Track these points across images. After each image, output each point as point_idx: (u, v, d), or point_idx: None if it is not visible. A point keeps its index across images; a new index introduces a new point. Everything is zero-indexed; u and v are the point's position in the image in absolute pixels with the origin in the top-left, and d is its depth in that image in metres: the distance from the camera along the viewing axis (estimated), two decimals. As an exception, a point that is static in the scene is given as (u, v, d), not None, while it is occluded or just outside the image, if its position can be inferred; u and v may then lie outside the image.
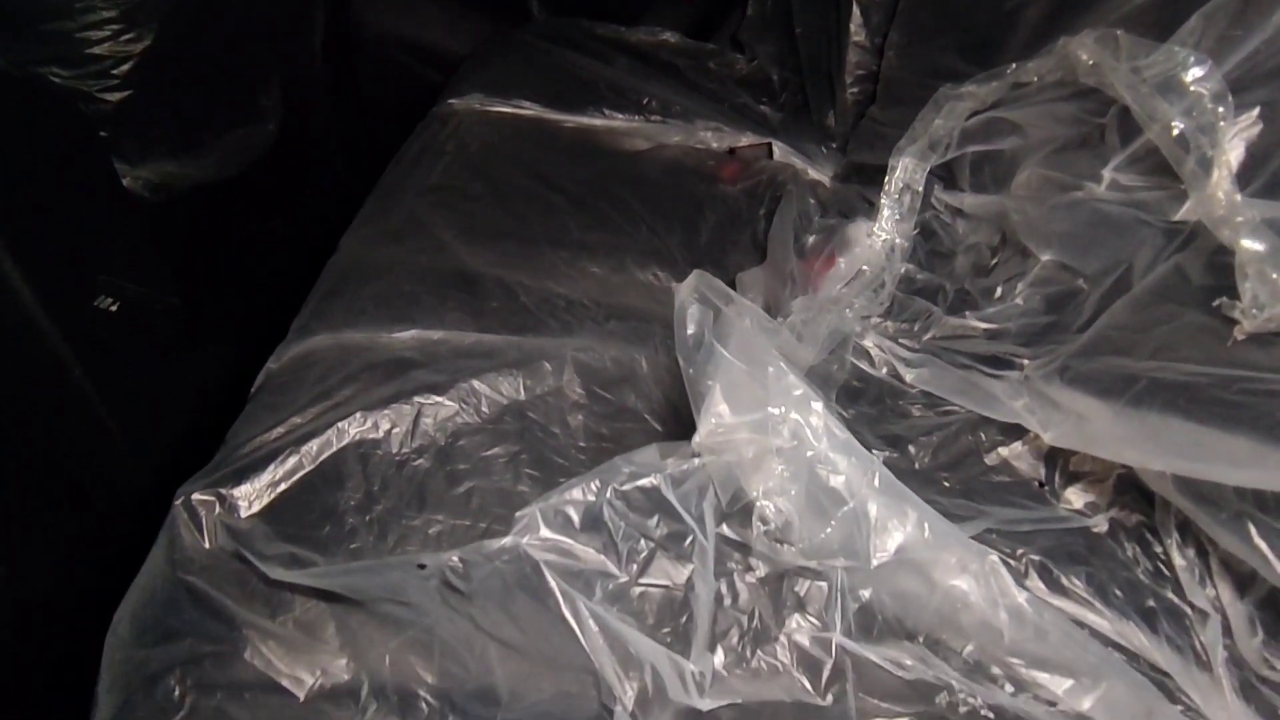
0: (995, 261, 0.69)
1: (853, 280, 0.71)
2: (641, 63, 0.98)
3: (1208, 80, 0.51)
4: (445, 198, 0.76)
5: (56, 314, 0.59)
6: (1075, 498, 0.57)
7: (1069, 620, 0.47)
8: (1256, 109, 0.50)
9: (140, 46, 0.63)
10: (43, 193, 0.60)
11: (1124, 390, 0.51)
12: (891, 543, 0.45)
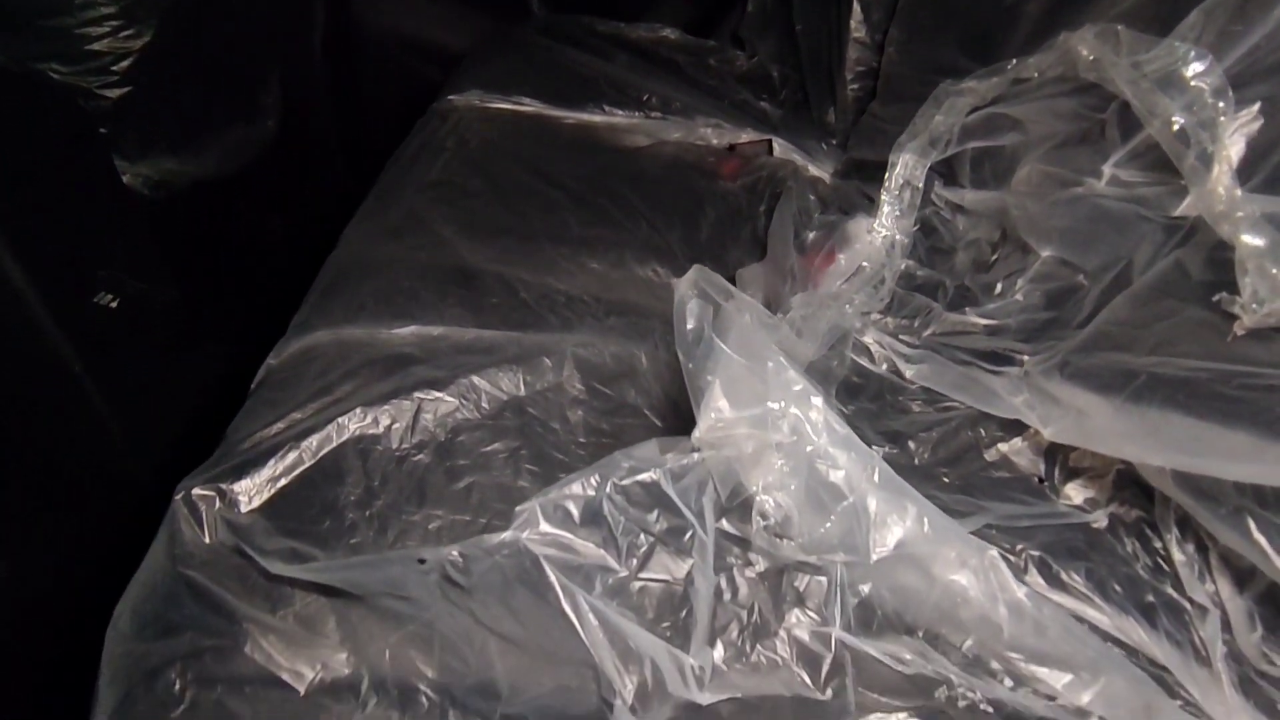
0: (995, 257, 0.69)
1: (853, 276, 0.71)
2: (642, 59, 0.98)
3: (1208, 75, 0.51)
4: (445, 194, 0.76)
5: (56, 310, 0.59)
6: (1075, 493, 0.57)
7: (1068, 615, 0.47)
8: (1257, 104, 0.50)
9: (140, 43, 0.63)
10: (42, 189, 0.60)
11: (1124, 386, 0.51)
12: (891, 538, 0.45)
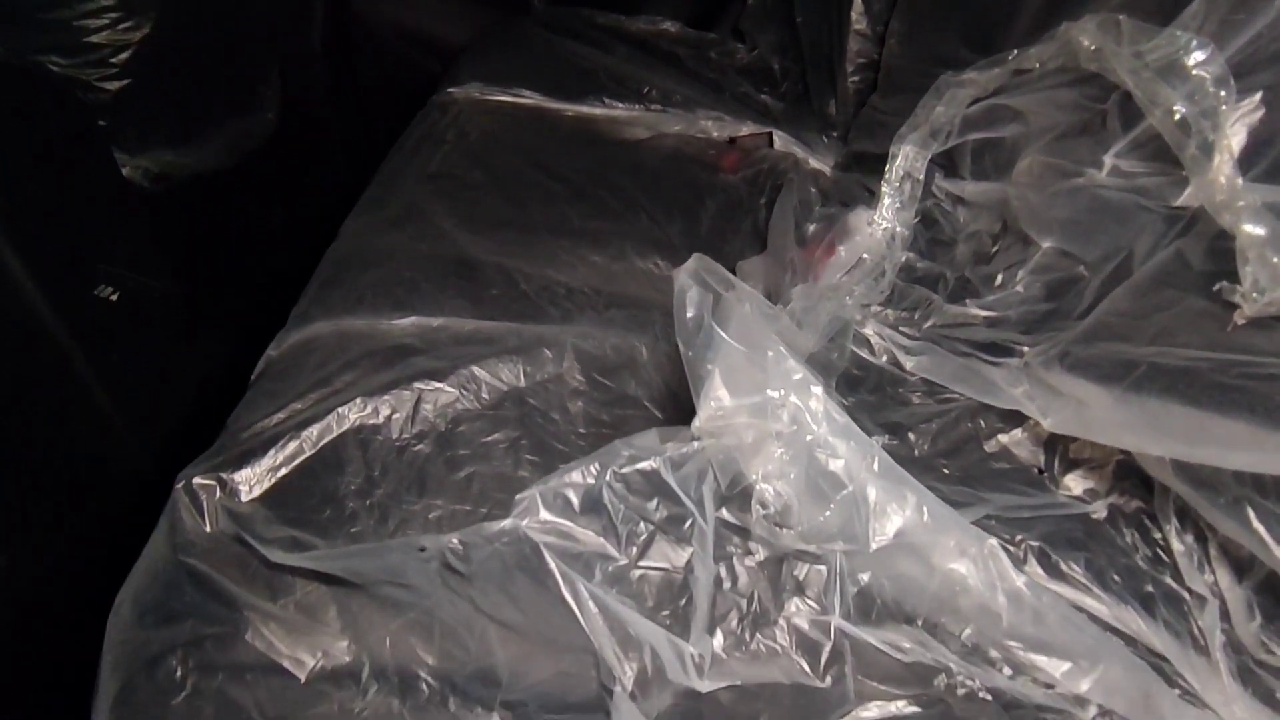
0: (996, 249, 0.69)
1: (853, 268, 0.71)
2: (642, 52, 0.98)
3: (1210, 64, 0.50)
4: (445, 186, 0.76)
5: (57, 303, 0.59)
6: (1074, 484, 0.57)
7: (1067, 604, 0.47)
8: (1259, 93, 0.50)
9: (139, 35, 0.62)
10: (42, 182, 0.60)
11: (1124, 376, 0.51)
12: (890, 526, 0.45)
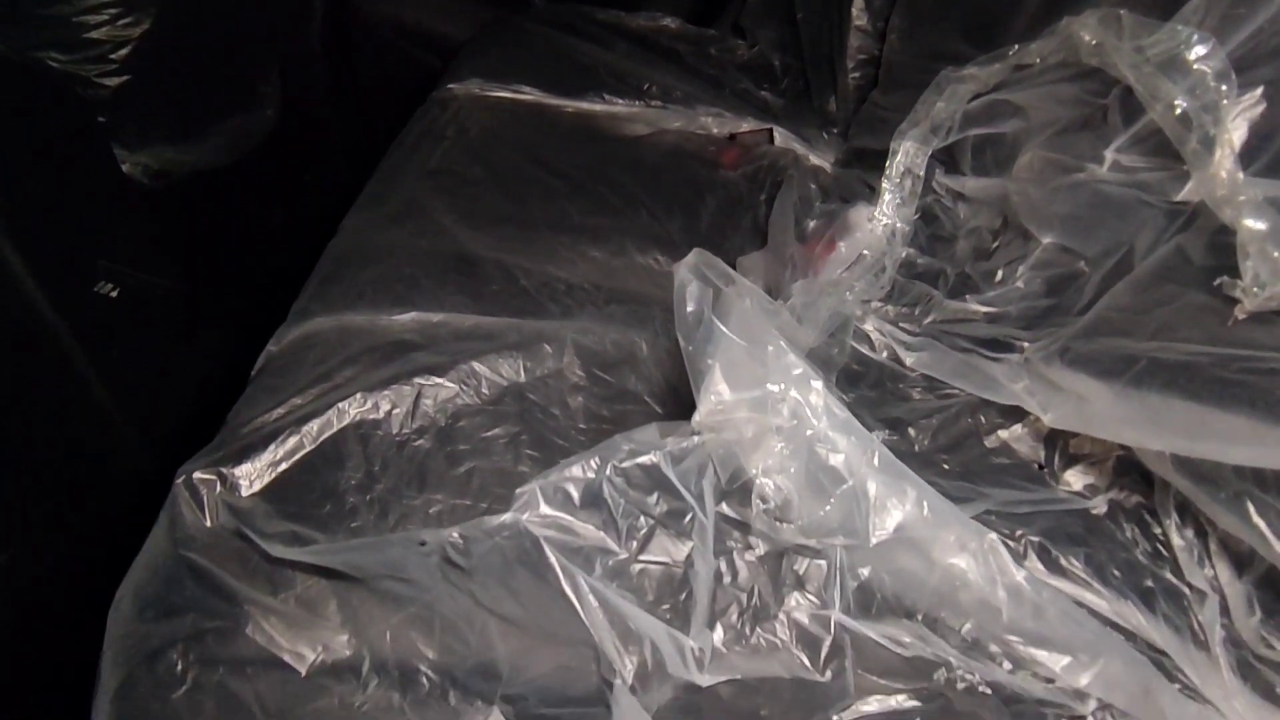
0: (996, 245, 0.69)
1: (853, 265, 0.71)
2: (642, 48, 0.98)
3: (1211, 59, 0.50)
4: (445, 182, 0.76)
5: (57, 300, 0.59)
6: (1075, 480, 0.57)
7: (1067, 599, 0.47)
8: (1260, 88, 0.50)
9: (138, 31, 0.62)
10: (41, 178, 0.60)
11: (1124, 371, 0.51)
12: (890, 521, 0.45)
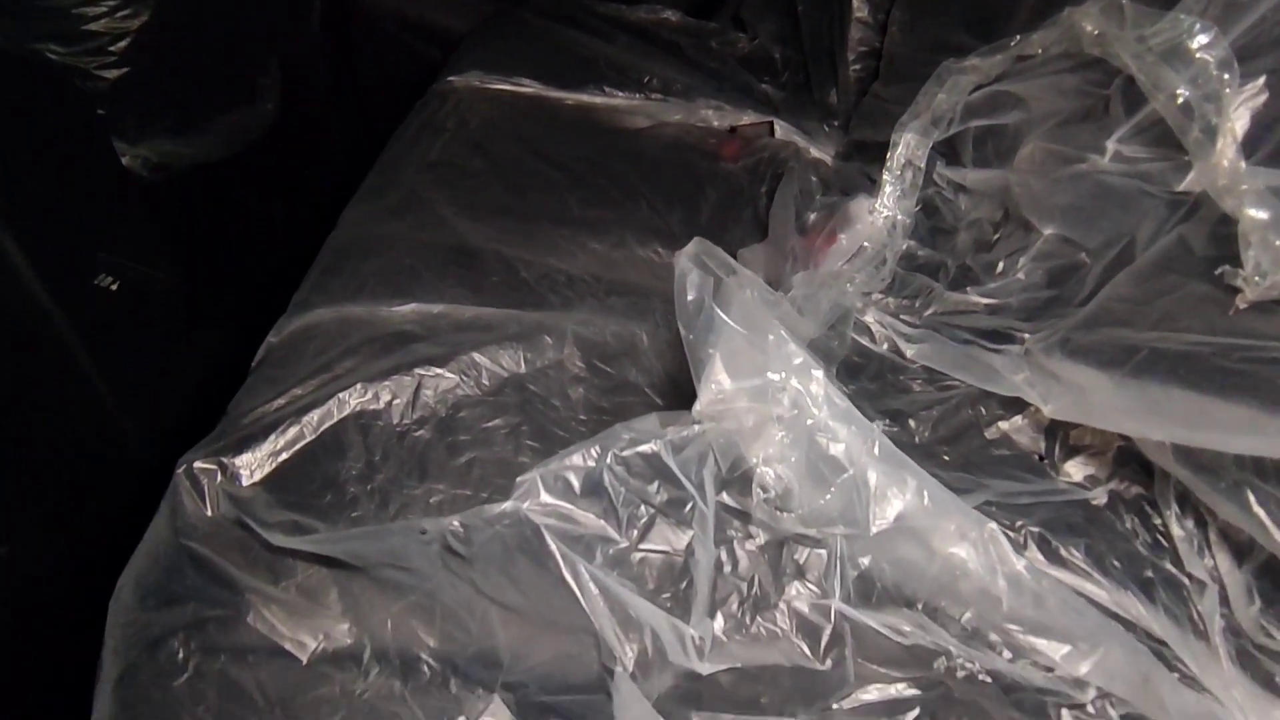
0: (997, 236, 0.68)
1: (854, 256, 0.71)
2: (642, 41, 0.98)
3: (1213, 48, 0.50)
4: (445, 174, 0.76)
5: (57, 293, 0.59)
6: (1075, 470, 0.57)
7: (1067, 588, 0.47)
8: (1262, 77, 0.49)
9: (137, 23, 0.62)
10: (41, 171, 0.60)
11: (1125, 361, 0.51)
12: (891, 510, 0.45)
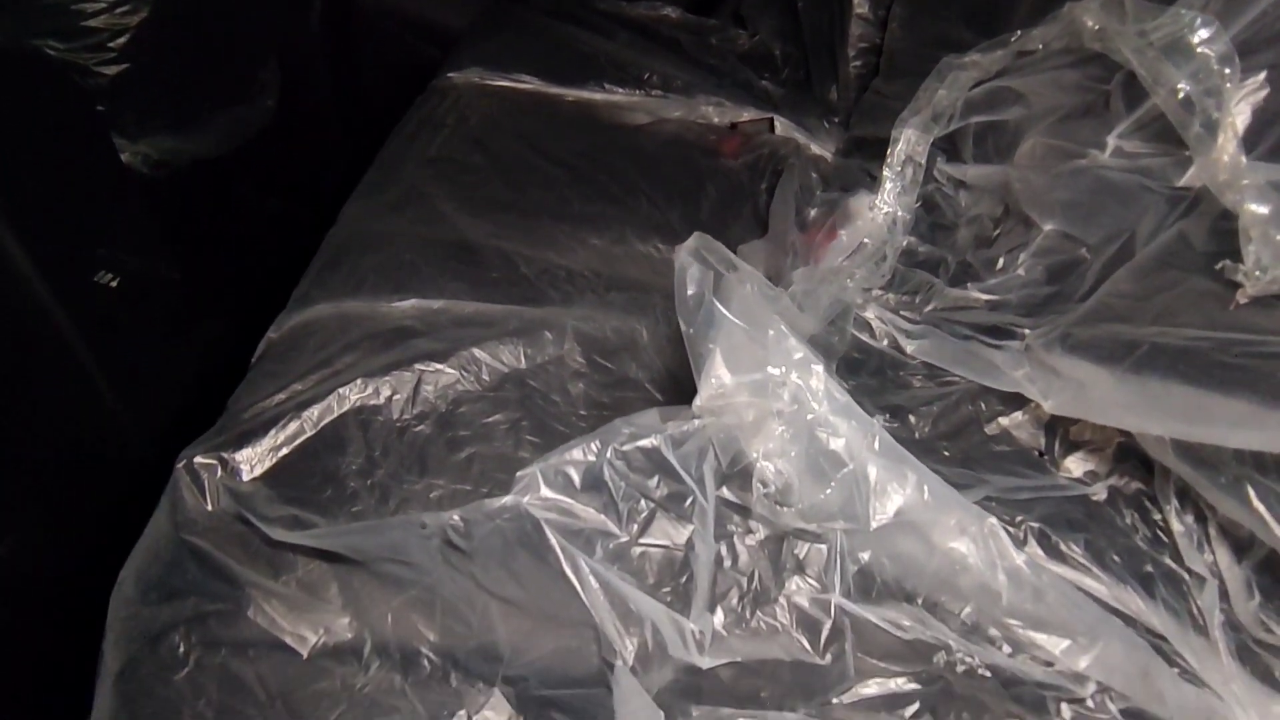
0: (998, 232, 0.68)
1: (854, 253, 0.71)
2: (642, 37, 0.98)
3: (1214, 42, 0.50)
4: (445, 170, 0.76)
5: (57, 290, 0.59)
6: (1075, 466, 0.57)
7: (1067, 582, 0.47)
8: (1263, 72, 0.49)
9: (136, 19, 0.62)
10: (41, 167, 0.59)
11: (1125, 356, 0.51)
12: (891, 505, 0.45)
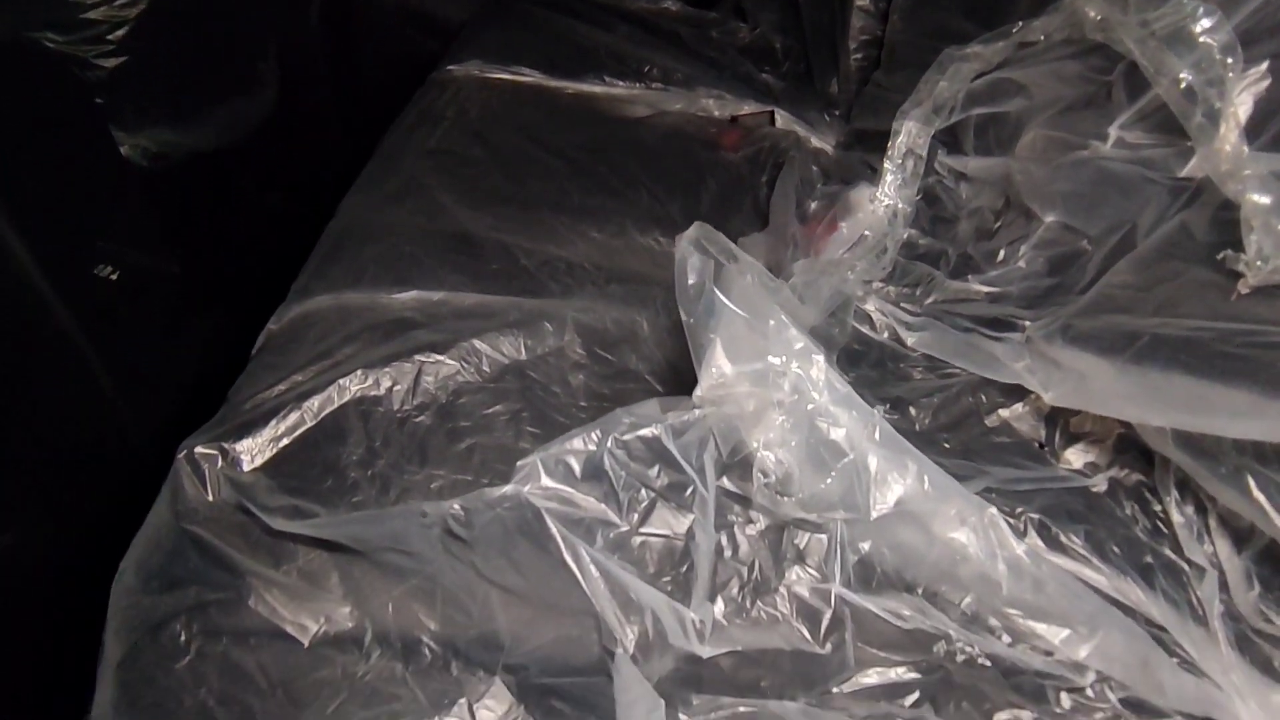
0: (999, 225, 0.68)
1: (855, 245, 0.70)
2: (642, 30, 0.97)
3: (1217, 32, 0.50)
4: (445, 162, 0.76)
5: (57, 282, 0.59)
6: (1075, 458, 0.57)
7: (1067, 572, 0.47)
8: (1265, 62, 0.49)
9: (135, 11, 0.62)
10: (40, 160, 0.59)
11: (1126, 347, 0.51)
12: (891, 495, 0.45)
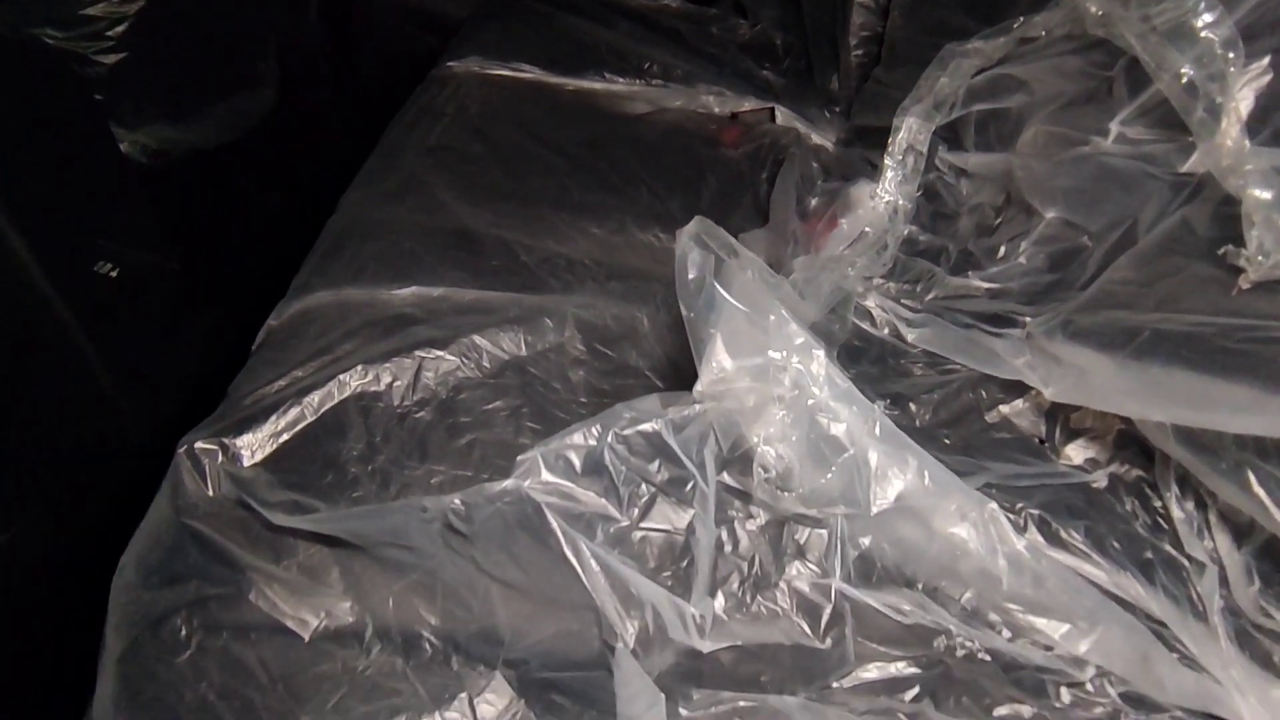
0: (999, 221, 0.68)
1: (855, 241, 0.70)
2: (643, 27, 0.97)
3: (1218, 26, 0.50)
4: (445, 158, 0.76)
5: (57, 279, 0.59)
6: (1075, 454, 0.57)
7: (1067, 568, 0.47)
8: (1267, 56, 0.49)
9: (134, 7, 0.62)
10: (39, 157, 0.59)
11: (1127, 343, 0.51)
12: (891, 490, 0.45)
